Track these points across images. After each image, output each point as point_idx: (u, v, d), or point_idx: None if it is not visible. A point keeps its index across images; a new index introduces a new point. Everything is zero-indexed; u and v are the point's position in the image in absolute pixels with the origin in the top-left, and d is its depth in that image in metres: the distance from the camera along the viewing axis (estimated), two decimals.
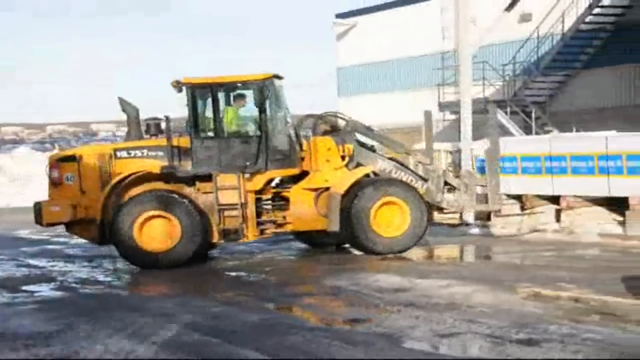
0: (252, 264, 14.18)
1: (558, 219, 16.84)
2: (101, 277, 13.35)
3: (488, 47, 29.49)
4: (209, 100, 14.29)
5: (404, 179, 15.19)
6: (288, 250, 16.07)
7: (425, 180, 15.35)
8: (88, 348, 8.43)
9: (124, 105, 14.92)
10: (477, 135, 19.97)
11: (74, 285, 12.66)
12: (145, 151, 14.31)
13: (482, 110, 22.83)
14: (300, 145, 14.69)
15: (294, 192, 14.56)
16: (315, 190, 14.63)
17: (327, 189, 14.57)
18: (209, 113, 14.33)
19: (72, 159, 14.41)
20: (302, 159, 14.70)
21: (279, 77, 14.53)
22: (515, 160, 17.58)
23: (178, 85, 14.15)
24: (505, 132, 26.65)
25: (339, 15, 39.31)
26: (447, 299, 10.29)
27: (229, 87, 14.37)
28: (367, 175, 15.00)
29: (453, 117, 28.97)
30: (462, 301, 10.12)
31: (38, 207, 14.27)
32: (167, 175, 14.23)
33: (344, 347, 8.03)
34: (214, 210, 14.08)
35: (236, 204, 14.05)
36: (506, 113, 27.67)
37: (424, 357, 7.80)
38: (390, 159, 15.45)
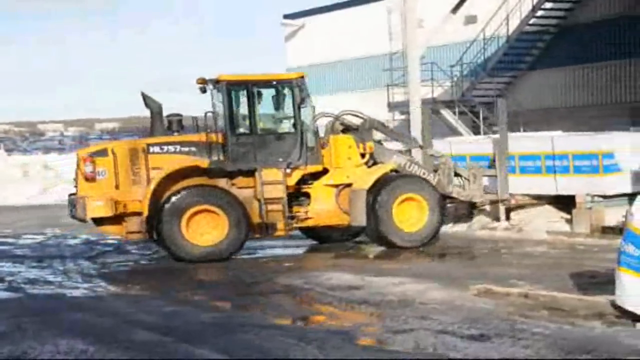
0: (205, 264, 14.14)
1: (507, 217, 17.08)
2: (51, 278, 13.17)
3: (435, 48, 29.79)
4: (244, 98, 14.60)
5: (418, 172, 15.79)
6: (241, 250, 16.03)
7: (436, 172, 15.96)
8: (38, 348, 8.28)
9: (148, 100, 14.90)
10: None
11: (22, 285, 12.47)
12: (177, 147, 14.40)
13: (432, 110, 23.03)
14: (322, 143, 15.04)
15: (316, 188, 14.97)
16: (336, 186, 15.03)
17: (348, 185, 15.00)
18: (244, 110, 14.62)
19: (104, 153, 14.26)
20: (322, 156, 15.05)
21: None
22: (465, 160, 17.78)
23: (204, 84, 14.57)
24: (454, 132, 26.97)
25: (287, 16, 39.32)
26: (400, 296, 10.38)
27: (265, 85, 14.81)
28: (390, 172, 15.46)
29: (402, 117, 29.19)
30: (415, 298, 10.22)
31: (82, 202, 13.95)
32: (205, 171, 14.37)
33: (298, 345, 8.04)
34: (254, 205, 14.40)
35: (279, 198, 14.40)
36: (454, 113, 28.00)
37: (377, 354, 7.86)
38: (403, 152, 16.08)
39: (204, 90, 14.91)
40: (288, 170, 14.61)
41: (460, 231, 17.20)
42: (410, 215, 15.12)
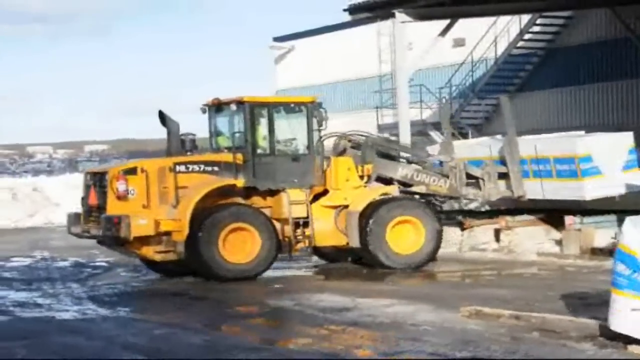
0: (195, 285, 14.09)
1: (497, 239, 17.09)
2: (40, 300, 13.07)
3: (424, 70, 29.89)
4: (264, 119, 14.83)
5: (427, 180, 15.96)
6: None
7: (447, 176, 16.11)
8: None
9: (166, 119, 14.89)
10: None
11: (11, 308, 12.36)
12: (202, 166, 14.48)
13: (420, 132, 23.12)
14: (324, 165, 15.23)
15: (315, 209, 15.03)
16: (335, 207, 15.18)
17: (346, 206, 15.15)
18: (264, 131, 14.83)
19: (134, 171, 14.17)
20: (325, 177, 15.23)
21: None
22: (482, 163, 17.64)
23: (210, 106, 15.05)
24: None
25: (276, 39, 39.44)
26: (391, 318, 10.36)
27: (284, 107, 15.16)
28: (385, 194, 15.53)
29: (393, 139, 29.22)
30: (406, 320, 10.20)
31: (126, 220, 13.65)
32: (233, 190, 14.45)
33: None
34: (282, 224, 14.55)
35: (303, 218, 14.64)
36: (443, 134, 28.03)
37: None
38: (412, 162, 16.30)
39: (204, 111, 15.31)
40: (308, 191, 14.84)
41: (450, 252, 17.19)
42: (406, 238, 15.20)
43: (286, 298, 12.25)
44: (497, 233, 17.16)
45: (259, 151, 14.79)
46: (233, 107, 14.78)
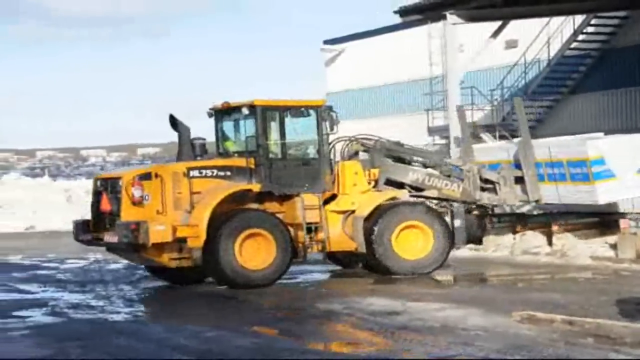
0: (244, 288, 14.09)
1: (550, 242, 16.85)
2: (93, 302, 13.25)
3: (475, 72, 29.64)
4: (276, 123, 14.72)
5: (438, 185, 15.83)
6: (290, 273, 16.03)
7: (461, 180, 15.92)
8: None
9: (178, 124, 14.70)
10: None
11: (65, 310, 12.55)
12: (215, 171, 14.31)
13: (472, 134, 22.90)
14: (332, 169, 15.13)
15: (323, 214, 14.85)
16: (342, 212, 15.01)
17: (354, 211, 14.98)
18: (276, 135, 14.70)
19: (148, 177, 13.94)
20: (332, 182, 15.10)
21: None
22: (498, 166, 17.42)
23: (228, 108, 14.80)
24: None
25: (327, 42, 39.45)
26: (441, 322, 10.27)
27: (295, 110, 14.87)
28: (393, 199, 15.34)
29: (443, 141, 29.05)
30: (456, 324, 10.10)
31: (145, 226, 13.40)
32: (248, 195, 14.31)
33: None
34: (295, 229, 14.41)
35: (316, 223, 14.50)
36: (494, 137, 27.77)
37: None
38: (428, 166, 16.09)
39: (210, 115, 15.16)
40: (320, 195, 14.66)
41: (502, 256, 17.00)
42: (414, 243, 14.97)
43: (336, 301, 12.22)
44: (549, 237, 16.92)
45: (271, 155, 14.57)
46: (245, 110, 14.57)
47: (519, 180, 16.50)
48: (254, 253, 13.98)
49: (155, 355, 9.19)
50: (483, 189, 16.49)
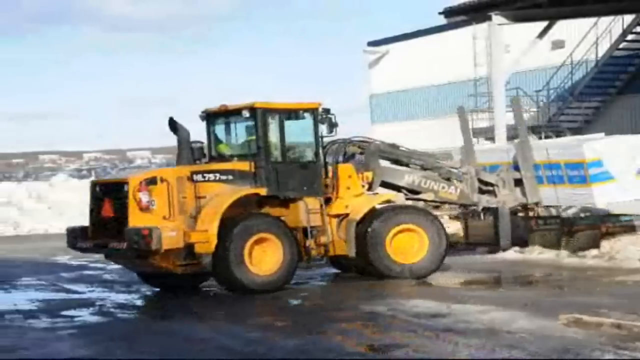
0: (287, 289, 14.11)
1: (597, 245, 16.62)
2: (139, 302, 13.40)
3: (521, 73, 29.39)
4: (275, 126, 14.48)
5: (434, 187, 15.59)
6: (322, 275, 16.03)
7: (459, 182, 15.69)
8: None
9: (178, 127, 14.45)
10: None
11: (112, 310, 12.71)
12: (217, 175, 14.09)
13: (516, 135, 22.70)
14: (327, 172, 14.93)
15: (325, 218, 14.64)
16: (337, 216, 14.80)
17: (347, 215, 14.75)
18: (276, 138, 14.49)
19: (154, 181, 13.55)
20: (327, 185, 14.88)
21: None
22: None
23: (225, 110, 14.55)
24: None
25: (370, 44, 39.39)
26: (486, 325, 10.18)
27: (293, 113, 14.70)
28: (388, 202, 15.19)
29: (487, 143, 28.84)
30: (502, 327, 10.00)
31: (157, 232, 13.00)
32: (251, 199, 14.10)
33: None
34: (298, 233, 14.26)
35: (319, 226, 14.38)
36: (540, 138, 27.49)
37: None
38: (426, 169, 15.87)
39: (203, 119, 14.86)
40: (322, 198, 14.49)
41: (548, 258, 16.81)
42: (410, 247, 14.72)
43: (380, 303, 12.19)
44: (597, 239, 16.69)
45: (271, 159, 14.30)
46: (245, 113, 14.27)
47: (519, 182, 16.33)
48: (260, 258, 13.73)
49: (201, 356, 9.25)
50: (482, 191, 16.29)
